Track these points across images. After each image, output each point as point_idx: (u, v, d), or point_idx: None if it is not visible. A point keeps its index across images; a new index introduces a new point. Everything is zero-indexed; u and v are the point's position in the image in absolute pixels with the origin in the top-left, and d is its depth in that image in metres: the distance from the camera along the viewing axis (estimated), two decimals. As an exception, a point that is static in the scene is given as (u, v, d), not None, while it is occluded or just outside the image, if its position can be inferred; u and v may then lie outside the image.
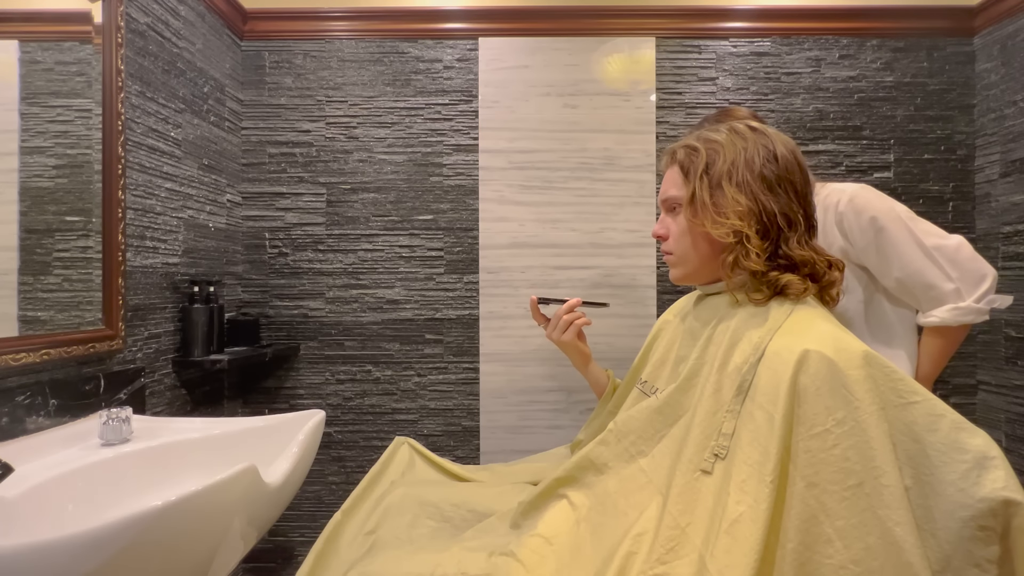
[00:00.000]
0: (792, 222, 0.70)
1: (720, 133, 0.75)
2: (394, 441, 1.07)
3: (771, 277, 0.69)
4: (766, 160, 0.71)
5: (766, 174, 0.70)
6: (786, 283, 0.68)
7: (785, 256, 0.70)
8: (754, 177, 0.70)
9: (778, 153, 0.72)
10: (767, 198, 0.70)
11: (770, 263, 0.70)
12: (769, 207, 0.69)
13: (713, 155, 0.73)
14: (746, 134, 0.74)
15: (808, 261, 0.70)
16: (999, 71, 1.49)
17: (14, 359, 0.84)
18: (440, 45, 1.58)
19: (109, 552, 0.58)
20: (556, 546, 0.70)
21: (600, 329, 1.54)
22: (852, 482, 0.54)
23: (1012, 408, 1.46)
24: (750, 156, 0.71)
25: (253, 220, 1.59)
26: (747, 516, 0.56)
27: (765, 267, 0.69)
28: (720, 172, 0.72)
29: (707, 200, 0.72)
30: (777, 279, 0.69)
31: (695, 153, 0.75)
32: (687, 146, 0.77)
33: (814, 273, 0.70)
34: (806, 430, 0.57)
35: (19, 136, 0.89)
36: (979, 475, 0.54)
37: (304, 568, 0.74)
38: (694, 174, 0.74)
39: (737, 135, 0.74)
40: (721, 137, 0.74)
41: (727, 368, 0.66)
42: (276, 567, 1.58)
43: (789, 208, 0.70)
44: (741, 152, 0.72)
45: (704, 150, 0.74)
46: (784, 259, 0.70)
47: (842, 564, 0.53)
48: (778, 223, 0.70)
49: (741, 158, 0.71)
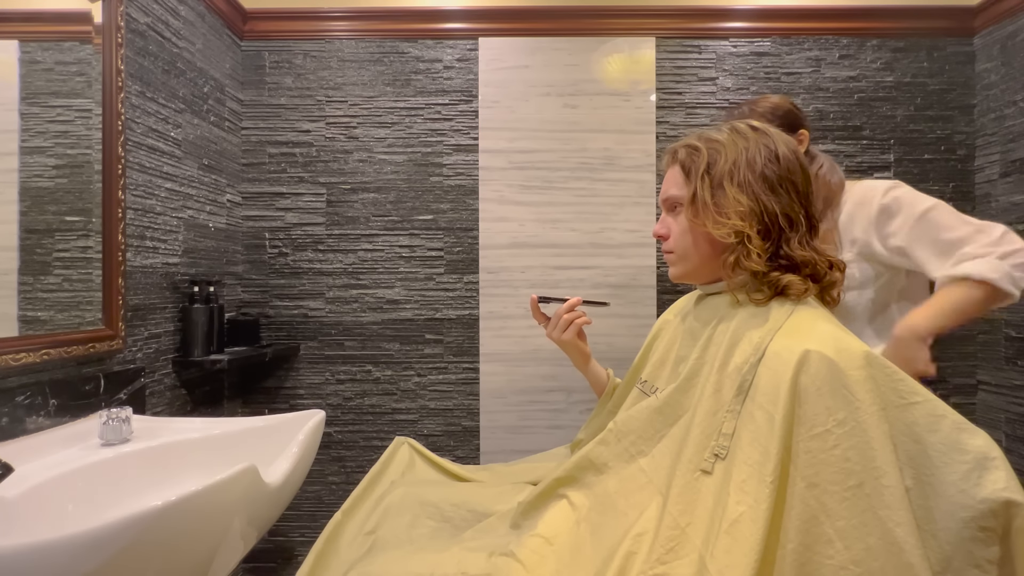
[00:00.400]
0: (793, 222, 0.70)
1: (722, 133, 0.75)
2: (394, 441, 1.07)
3: (772, 277, 0.69)
4: (768, 160, 0.71)
5: (768, 174, 0.70)
6: (787, 284, 0.68)
7: (786, 256, 0.70)
8: (756, 177, 0.70)
9: (780, 153, 0.72)
10: (769, 198, 0.70)
11: (771, 263, 0.70)
12: (771, 207, 0.69)
13: (715, 155, 0.73)
14: (748, 134, 0.74)
15: (809, 261, 0.70)
16: (999, 71, 1.49)
17: (14, 359, 0.84)
18: (440, 45, 1.58)
19: (109, 552, 0.58)
20: (556, 546, 0.70)
21: (600, 329, 1.54)
22: (853, 482, 0.54)
23: (1012, 408, 1.46)
24: (752, 156, 0.71)
25: (253, 220, 1.59)
26: (747, 516, 0.56)
27: (766, 267, 0.69)
28: (722, 172, 0.71)
29: (708, 200, 0.72)
30: (778, 279, 0.69)
31: (696, 153, 0.75)
32: (688, 145, 0.77)
33: (815, 273, 0.70)
34: (807, 430, 0.57)
35: (19, 136, 0.89)
36: (980, 476, 0.54)
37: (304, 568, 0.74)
38: (695, 174, 0.74)
39: (739, 135, 0.74)
40: (723, 137, 0.74)
41: (727, 368, 0.66)
42: (276, 567, 1.58)
43: (791, 208, 0.70)
44: (743, 152, 0.72)
45: (706, 150, 0.74)
46: (785, 259, 0.70)
47: (843, 564, 0.53)
48: (779, 223, 0.70)
49: (743, 158, 0.71)
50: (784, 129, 1.11)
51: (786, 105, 1.12)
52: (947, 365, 1.56)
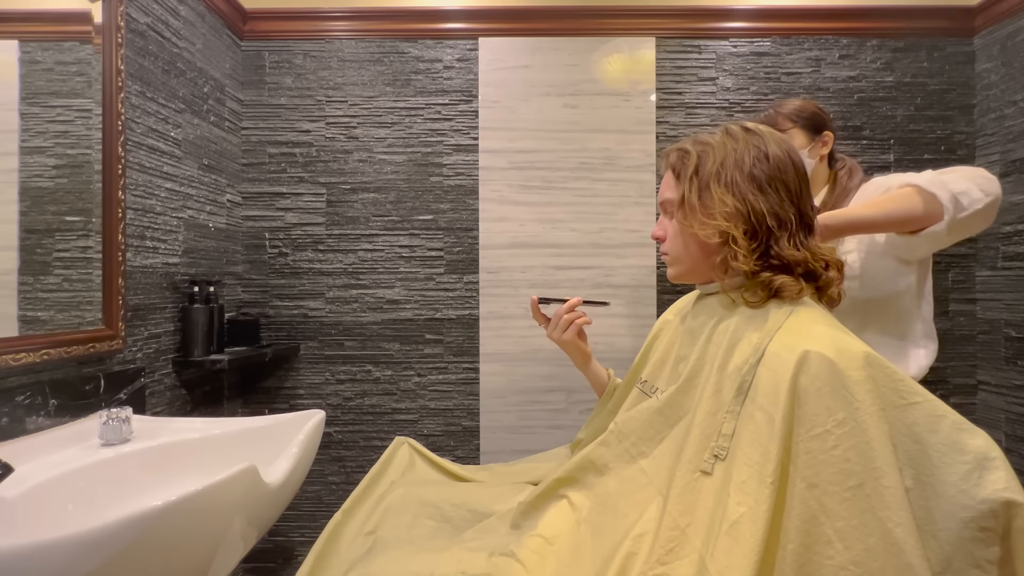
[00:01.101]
0: (783, 221, 0.70)
1: (714, 135, 0.76)
2: (394, 441, 1.07)
3: (764, 278, 0.69)
4: (756, 160, 0.71)
5: (756, 174, 0.70)
6: (780, 285, 0.68)
7: (776, 256, 0.69)
8: (743, 177, 0.70)
9: (770, 153, 0.71)
10: (756, 198, 0.69)
11: (761, 263, 0.70)
12: (758, 207, 0.69)
13: (703, 156, 0.74)
14: (738, 135, 0.74)
15: (801, 261, 0.69)
16: (999, 71, 1.49)
17: (14, 359, 0.84)
18: (440, 45, 1.58)
19: (109, 552, 0.58)
20: (556, 546, 0.70)
21: (600, 329, 1.54)
22: (853, 483, 0.54)
23: (1012, 408, 1.46)
24: (740, 156, 0.71)
25: (253, 220, 1.59)
26: (747, 517, 0.56)
27: (755, 267, 0.69)
28: (709, 173, 0.72)
29: (695, 202, 0.72)
30: (771, 280, 0.68)
31: (686, 155, 0.76)
32: (679, 149, 0.78)
33: (809, 273, 0.70)
34: (806, 431, 0.57)
35: (19, 136, 0.89)
36: (980, 476, 0.54)
37: (304, 568, 0.74)
38: (684, 176, 0.75)
39: (729, 136, 0.74)
40: (713, 139, 0.75)
41: (727, 369, 0.66)
42: (276, 567, 1.58)
43: (780, 207, 0.70)
44: (731, 153, 0.72)
45: (695, 152, 0.75)
46: (776, 259, 0.69)
47: (842, 565, 0.53)
48: (767, 223, 0.69)
49: (731, 159, 0.72)
50: (809, 131, 1.11)
51: (811, 107, 1.11)
52: (947, 365, 1.56)
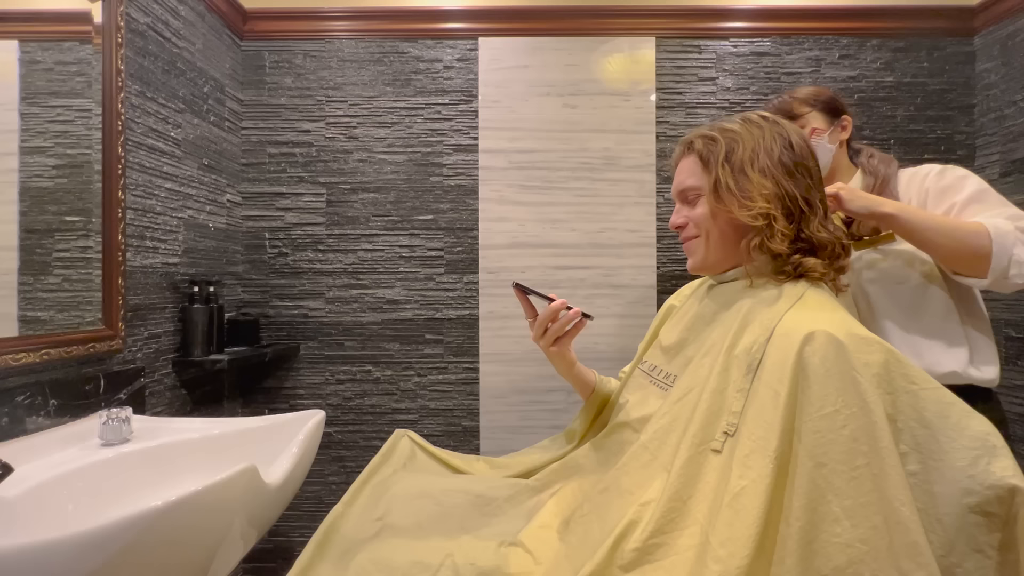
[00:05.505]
0: (812, 204, 0.73)
1: (735, 123, 0.78)
2: (394, 433, 1.04)
3: (795, 260, 0.72)
4: (784, 147, 0.74)
5: (784, 160, 0.73)
6: (810, 266, 0.71)
7: (807, 239, 0.72)
8: (774, 163, 0.73)
9: (793, 141, 0.75)
10: (788, 182, 0.72)
11: (793, 246, 0.72)
12: (791, 191, 0.72)
13: (732, 143, 0.75)
14: (761, 123, 0.76)
15: (828, 243, 0.72)
16: (999, 71, 1.49)
17: (14, 359, 0.84)
18: (440, 45, 1.58)
19: (109, 552, 0.58)
20: (563, 532, 0.71)
21: (600, 329, 1.54)
22: (860, 462, 0.55)
23: (1012, 408, 1.46)
24: (768, 144, 0.74)
25: (253, 220, 1.59)
26: (749, 490, 0.56)
27: (790, 249, 0.72)
28: (741, 158, 0.74)
29: (732, 185, 0.73)
30: (800, 262, 0.71)
31: (713, 142, 0.77)
32: (704, 136, 0.78)
33: (833, 255, 0.73)
34: (816, 410, 0.58)
35: (19, 136, 0.89)
36: (988, 462, 0.55)
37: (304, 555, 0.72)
38: (715, 162, 0.75)
39: (752, 124, 0.76)
40: (737, 127, 0.77)
41: (735, 350, 0.67)
42: (276, 567, 1.58)
43: (808, 192, 0.73)
44: (759, 140, 0.74)
45: (723, 139, 0.76)
46: (805, 242, 0.72)
47: (849, 542, 0.53)
48: (800, 206, 0.72)
49: (760, 145, 0.74)
50: (828, 114, 1.10)
51: (827, 92, 1.11)
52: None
